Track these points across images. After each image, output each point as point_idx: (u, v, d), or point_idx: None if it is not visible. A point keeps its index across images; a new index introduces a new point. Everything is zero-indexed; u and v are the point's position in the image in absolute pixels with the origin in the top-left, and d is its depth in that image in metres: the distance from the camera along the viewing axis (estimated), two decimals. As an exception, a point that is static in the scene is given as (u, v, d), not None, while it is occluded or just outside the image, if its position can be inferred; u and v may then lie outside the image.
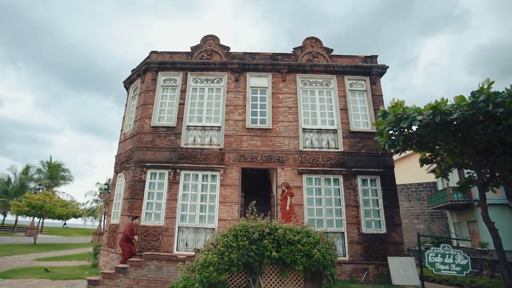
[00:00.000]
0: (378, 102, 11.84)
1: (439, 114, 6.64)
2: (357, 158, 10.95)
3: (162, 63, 12.42)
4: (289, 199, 9.24)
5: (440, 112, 6.63)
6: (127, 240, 9.21)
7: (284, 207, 9.18)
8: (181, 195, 10.64)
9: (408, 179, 25.05)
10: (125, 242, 9.19)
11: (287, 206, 9.10)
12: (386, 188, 10.52)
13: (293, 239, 6.70)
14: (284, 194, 9.40)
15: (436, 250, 7.14)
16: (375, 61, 12.65)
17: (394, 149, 9.18)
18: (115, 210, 11.71)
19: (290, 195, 9.31)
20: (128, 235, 9.21)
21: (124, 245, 9.17)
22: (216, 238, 6.97)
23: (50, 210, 22.25)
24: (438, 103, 6.76)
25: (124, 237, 9.22)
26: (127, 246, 9.18)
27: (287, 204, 9.13)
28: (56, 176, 42.26)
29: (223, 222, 10.09)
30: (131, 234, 9.30)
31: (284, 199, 9.33)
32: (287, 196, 9.26)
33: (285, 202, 9.24)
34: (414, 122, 7.43)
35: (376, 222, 10.20)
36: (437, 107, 6.67)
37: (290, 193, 9.33)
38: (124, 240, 9.19)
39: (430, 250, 7.18)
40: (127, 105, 13.68)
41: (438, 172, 10.56)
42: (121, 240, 9.27)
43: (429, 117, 6.88)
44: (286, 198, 9.27)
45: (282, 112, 11.69)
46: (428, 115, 6.91)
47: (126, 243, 9.20)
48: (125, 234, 9.20)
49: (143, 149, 11.25)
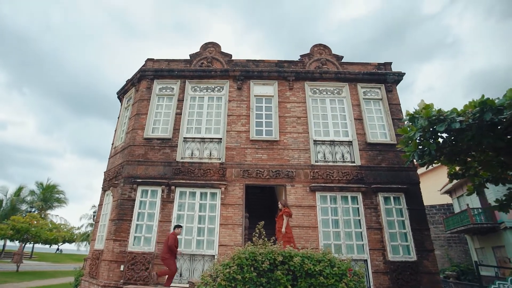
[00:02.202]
0: (396, 112, 10.69)
1: (489, 111, 5.40)
2: (377, 173, 9.62)
3: (158, 70, 11.41)
4: (286, 219, 7.88)
5: (491, 109, 5.39)
6: (171, 252, 7.62)
7: (280, 229, 7.81)
8: (176, 216, 9.22)
9: (420, 200, 23.50)
10: (169, 254, 7.61)
11: (283, 228, 7.74)
12: (413, 208, 9.10)
13: (313, 269, 5.27)
14: (280, 214, 8.06)
15: (504, 285, 5.64)
16: (389, 68, 11.64)
17: (421, 162, 7.92)
18: (100, 233, 10.22)
19: (287, 215, 7.95)
20: (172, 245, 7.59)
21: (169, 258, 7.59)
22: (216, 268, 5.52)
23: (36, 234, 20.51)
24: (486, 98, 5.55)
25: (166, 248, 7.59)
26: (172, 259, 7.63)
27: (283, 225, 7.78)
28: (50, 198, 40.47)
29: (224, 248, 8.61)
30: (175, 245, 7.72)
31: (280, 219, 7.98)
32: (283, 216, 7.90)
33: (281, 223, 7.90)
34: (453, 124, 6.20)
35: (404, 248, 8.69)
36: (487, 102, 5.45)
37: (287, 213, 7.98)
38: (168, 252, 7.60)
39: (495, 285, 5.68)
40: (119, 117, 12.54)
41: (471, 189, 9.20)
42: (164, 252, 7.63)
43: (476, 116, 5.65)
44: (282, 218, 7.93)
45: (290, 123, 10.50)
46: (474, 114, 5.68)
47: (171, 255, 7.64)
48: (168, 245, 7.58)
49: (134, 163, 9.96)
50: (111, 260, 8.79)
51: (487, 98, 5.50)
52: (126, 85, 12.51)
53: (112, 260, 8.79)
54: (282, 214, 8.03)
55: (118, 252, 8.87)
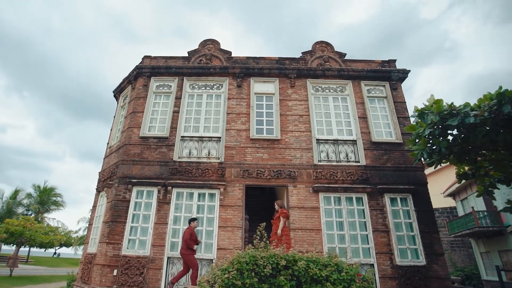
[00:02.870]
0: (401, 110, 10.32)
1: (508, 103, 5.02)
2: (383, 173, 9.22)
3: (155, 67, 11.04)
4: (282, 221, 7.47)
5: (510, 100, 5.01)
6: (189, 247, 7.25)
7: (276, 231, 7.41)
8: (172, 218, 8.80)
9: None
10: (189, 250, 7.25)
11: (279, 230, 7.34)
12: (421, 209, 8.69)
13: (319, 274, 4.87)
14: (277, 215, 7.65)
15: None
16: (393, 66, 11.29)
17: (429, 161, 7.54)
18: (93, 236, 9.77)
19: (284, 216, 7.54)
20: (188, 239, 7.21)
21: (189, 253, 7.23)
22: (214, 273, 5.11)
23: (30, 238, 19.99)
24: (505, 89, 5.17)
25: (184, 244, 7.25)
26: (191, 255, 7.27)
27: (280, 227, 7.38)
28: (47, 201, 39.89)
29: (223, 251, 8.18)
30: (192, 239, 7.33)
31: (277, 221, 7.57)
32: (280, 217, 7.50)
33: (277, 225, 7.50)
34: (467, 119, 5.83)
35: (413, 251, 8.26)
36: (506, 94, 5.06)
37: (284, 214, 7.58)
38: (187, 248, 7.24)
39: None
40: (115, 116, 12.14)
41: (481, 190, 8.80)
42: (183, 248, 7.30)
43: (493, 109, 5.27)
44: (279, 219, 7.53)
45: (292, 121, 10.12)
46: (491, 107, 5.30)
47: (191, 251, 7.28)
48: (184, 239, 7.24)
49: (129, 162, 9.55)
50: (104, 264, 8.35)
51: (506, 90, 5.12)
52: (122, 83, 12.13)
53: (105, 264, 8.35)
54: (279, 215, 7.65)
55: (112, 256, 8.43)
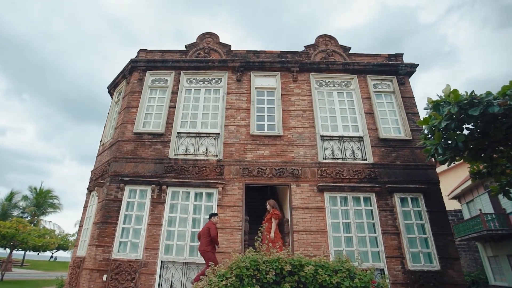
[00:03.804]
0: (410, 105, 9.79)
1: (542, 89, 4.49)
2: (392, 171, 8.66)
3: (151, 61, 10.51)
4: (274, 222, 6.95)
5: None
6: (212, 244, 6.43)
7: (268, 234, 6.86)
8: (167, 219, 8.21)
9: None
10: (210, 246, 6.39)
11: (272, 233, 6.83)
12: (433, 210, 8.12)
13: (328, 281, 4.30)
14: (269, 216, 7.13)
15: None
16: (400, 60, 10.78)
17: (442, 158, 6.97)
18: (83, 238, 9.17)
19: (276, 218, 7.01)
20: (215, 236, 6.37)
21: (210, 250, 6.35)
22: (210, 280, 4.53)
23: (23, 240, 19.33)
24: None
25: (207, 240, 6.35)
26: (213, 252, 6.38)
27: (272, 229, 6.86)
28: (43, 204, 39.22)
29: (221, 255, 7.53)
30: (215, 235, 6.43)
31: (269, 222, 7.03)
32: (272, 219, 6.97)
33: (269, 226, 6.97)
34: (490, 108, 5.29)
35: (425, 255, 7.67)
36: (537, 80, 4.52)
37: (276, 215, 7.06)
38: (209, 245, 6.38)
39: None
40: (109, 113, 11.59)
41: (496, 189, 8.21)
42: (204, 245, 6.36)
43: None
44: (270, 221, 7.01)
45: (295, 117, 9.57)
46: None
47: (212, 247, 6.43)
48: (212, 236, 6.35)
49: (122, 160, 8.98)
50: (93, 269, 7.75)
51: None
52: (117, 78, 11.58)
53: (94, 268, 7.75)
54: (270, 216, 7.10)
55: (101, 259, 7.82)
